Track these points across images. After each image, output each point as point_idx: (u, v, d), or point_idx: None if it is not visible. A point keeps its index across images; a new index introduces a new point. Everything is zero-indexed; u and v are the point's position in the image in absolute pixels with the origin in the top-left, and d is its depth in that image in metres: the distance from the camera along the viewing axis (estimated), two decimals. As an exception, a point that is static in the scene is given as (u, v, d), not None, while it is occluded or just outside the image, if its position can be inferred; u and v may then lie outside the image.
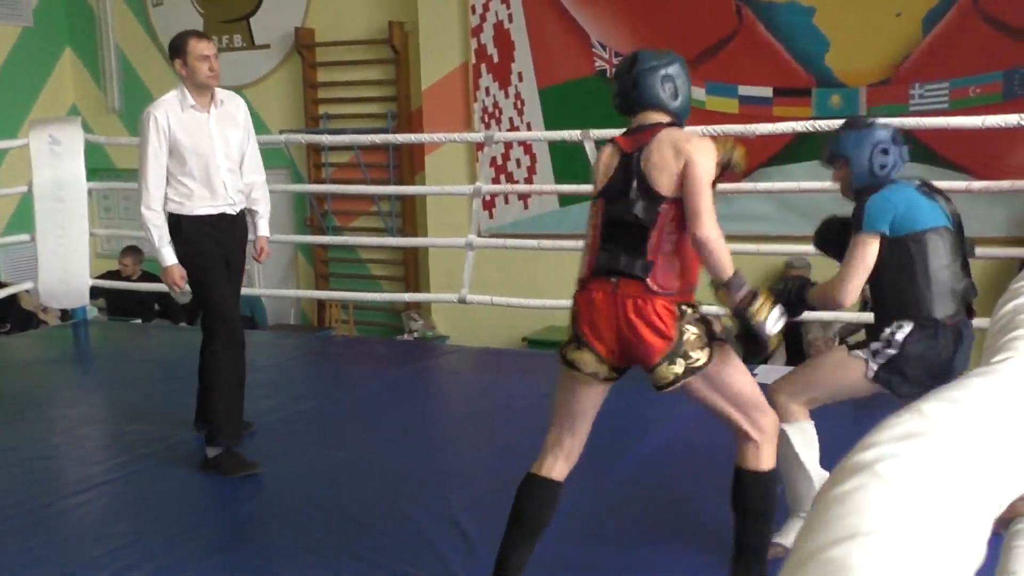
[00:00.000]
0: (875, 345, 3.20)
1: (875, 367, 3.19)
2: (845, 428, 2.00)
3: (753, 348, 2.98)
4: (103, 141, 8.37)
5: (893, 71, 7.55)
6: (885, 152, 3.29)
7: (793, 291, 3.24)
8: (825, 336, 6.48)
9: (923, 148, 7.06)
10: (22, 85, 10.84)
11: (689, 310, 2.94)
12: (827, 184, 6.05)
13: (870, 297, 3.44)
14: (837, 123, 5.63)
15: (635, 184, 2.95)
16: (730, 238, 2.93)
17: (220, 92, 4.67)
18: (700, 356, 2.89)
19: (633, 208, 2.93)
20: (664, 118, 3.06)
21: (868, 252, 3.18)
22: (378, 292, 9.52)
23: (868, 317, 6.24)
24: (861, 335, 3.47)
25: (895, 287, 3.21)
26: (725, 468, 3.08)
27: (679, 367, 2.87)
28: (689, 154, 2.90)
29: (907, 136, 6.86)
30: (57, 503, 4.17)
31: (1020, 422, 0.65)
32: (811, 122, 5.78)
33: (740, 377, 3.01)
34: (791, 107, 7.66)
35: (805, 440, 3.33)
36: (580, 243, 4.28)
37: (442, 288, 8.41)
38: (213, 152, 4.57)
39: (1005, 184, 5.63)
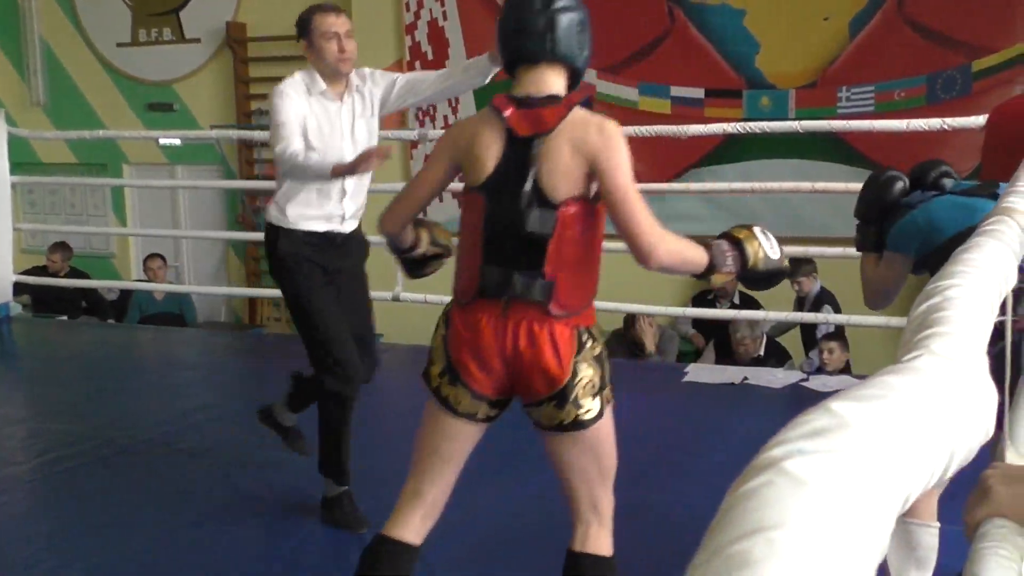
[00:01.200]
0: None
1: None
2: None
3: (777, 280, 2.60)
4: (27, 135, 8.20)
5: (821, 74, 7.68)
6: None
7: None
8: (752, 335, 6.57)
9: (849, 150, 7.21)
10: (-57, 76, 10.57)
11: (589, 342, 2.41)
12: (756, 184, 6.17)
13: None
14: (766, 124, 5.75)
15: (530, 185, 2.36)
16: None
17: (355, 74, 3.68)
18: (590, 407, 2.40)
19: (527, 216, 2.36)
20: (561, 80, 2.51)
21: None
22: (310, 290, 9.46)
23: (796, 317, 6.38)
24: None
25: None
26: (665, 454, 3.10)
27: (567, 414, 2.38)
28: (606, 159, 2.34)
29: (834, 138, 7.03)
30: (-22, 504, 4.08)
31: (927, 418, 0.67)
32: (741, 123, 5.87)
33: (612, 447, 2.49)
34: (722, 108, 7.76)
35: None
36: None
37: (376, 286, 8.34)
38: (341, 153, 3.55)
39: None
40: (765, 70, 7.83)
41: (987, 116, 4.43)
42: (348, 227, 3.79)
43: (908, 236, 2.78)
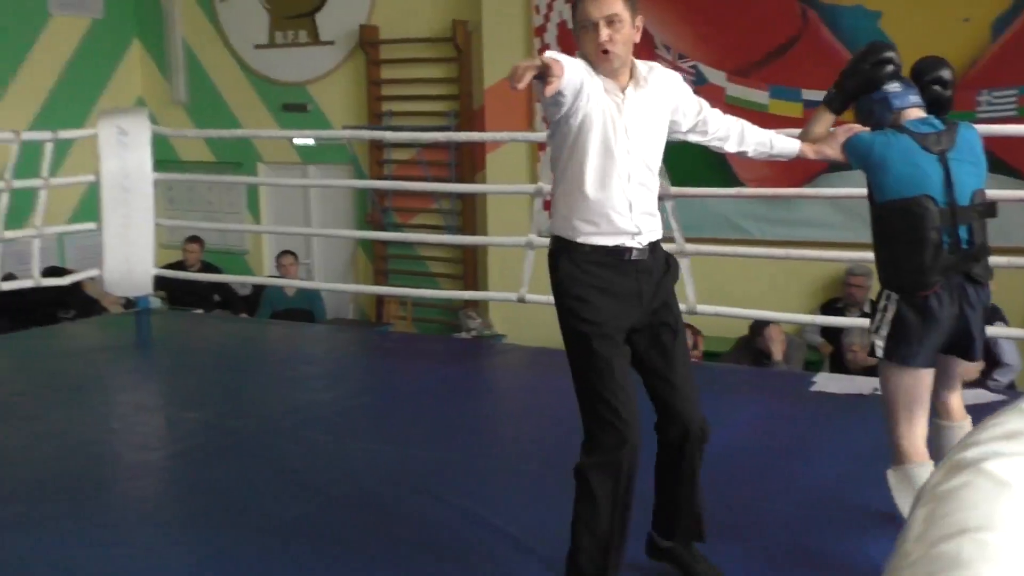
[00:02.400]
0: (875, 323, 3.24)
1: (880, 345, 3.20)
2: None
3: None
4: (169, 133, 8.50)
5: (961, 77, 7.40)
6: (870, 113, 3.44)
7: None
8: (862, 341, 6.37)
9: (989, 155, 6.93)
10: (90, 76, 11.04)
11: None
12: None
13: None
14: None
15: None
16: (792, 243, 2.89)
17: (643, 66, 3.12)
18: None
19: None
20: None
21: None
22: (436, 289, 9.57)
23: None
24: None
25: (883, 259, 3.31)
26: (782, 473, 3.05)
27: None
28: None
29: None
30: (112, 487, 4.24)
31: None
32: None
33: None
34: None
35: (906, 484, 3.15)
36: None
37: (499, 287, 8.42)
38: (614, 155, 3.00)
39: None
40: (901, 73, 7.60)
41: None
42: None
43: (857, 152, 3.25)
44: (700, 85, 8.29)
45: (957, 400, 3.42)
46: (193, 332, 7.61)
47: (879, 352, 3.22)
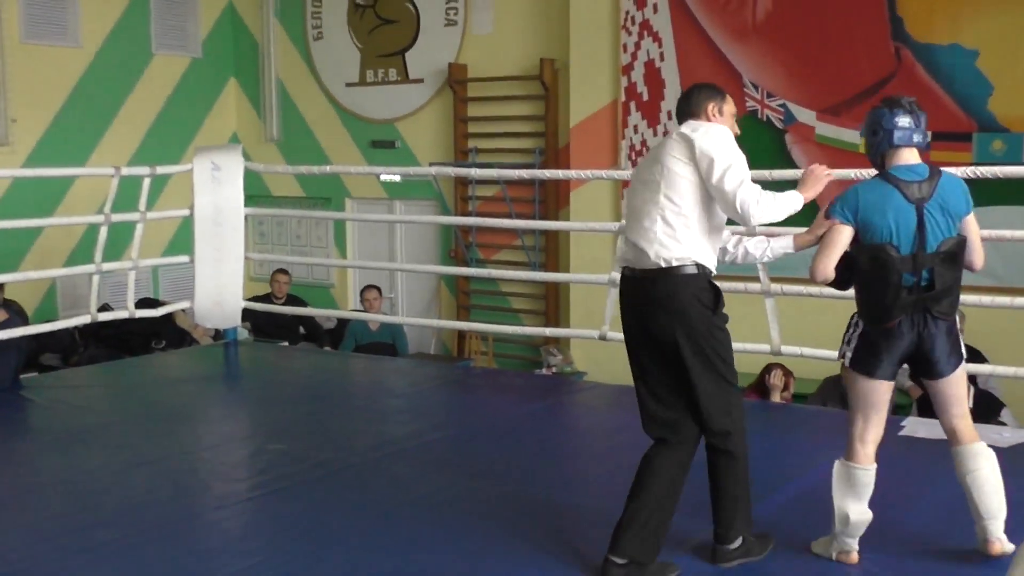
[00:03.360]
0: (846, 335, 3.65)
1: (849, 355, 3.63)
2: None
3: None
4: (261, 169, 8.67)
5: (1060, 117, 7.24)
6: (874, 133, 3.63)
7: None
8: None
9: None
10: (188, 113, 11.35)
11: None
12: (985, 232, 5.85)
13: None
14: (998, 169, 5.44)
15: None
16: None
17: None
18: None
19: None
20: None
21: None
22: (518, 325, 9.58)
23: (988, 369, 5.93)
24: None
25: (856, 290, 3.67)
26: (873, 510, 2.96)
27: None
28: None
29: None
30: (201, 516, 4.30)
31: None
32: (971, 168, 5.57)
33: None
34: (950, 151, 7.40)
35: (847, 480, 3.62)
36: (728, 284, 4.20)
37: (583, 324, 8.39)
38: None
39: None
40: (998, 112, 7.44)
41: None
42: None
43: (847, 203, 3.52)
44: (788, 124, 8.22)
45: (963, 423, 3.64)
46: (279, 364, 7.72)
47: (847, 361, 3.63)
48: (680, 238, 3.44)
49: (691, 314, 3.42)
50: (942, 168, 3.57)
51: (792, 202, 3.54)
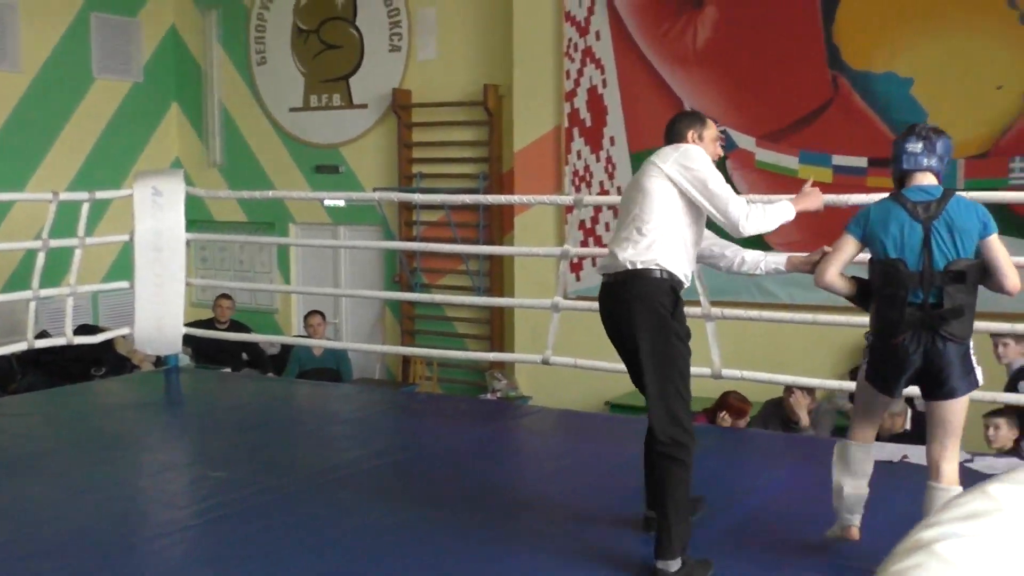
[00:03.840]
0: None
1: (864, 368, 3.84)
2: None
3: None
4: (203, 194, 8.61)
5: (993, 144, 7.42)
6: (896, 159, 3.80)
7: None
8: (893, 411, 6.28)
9: (1022, 222, 6.91)
10: (129, 137, 11.25)
11: None
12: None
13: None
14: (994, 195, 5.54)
15: None
16: (821, 308, 2.91)
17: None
18: None
19: None
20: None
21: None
22: (463, 350, 9.58)
23: (1006, 398, 5.96)
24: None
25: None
26: (809, 540, 3.01)
27: None
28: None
29: (1005, 210, 6.75)
30: (141, 545, 4.24)
31: None
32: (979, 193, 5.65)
33: None
34: (886, 178, 7.54)
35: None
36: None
37: (527, 349, 8.43)
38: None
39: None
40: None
41: None
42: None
43: (858, 220, 3.74)
44: (730, 150, 8.34)
45: (947, 464, 3.66)
46: (221, 391, 7.65)
47: (861, 372, 3.83)
48: (648, 246, 3.74)
49: (649, 313, 3.70)
50: (958, 191, 3.77)
51: (783, 212, 3.88)
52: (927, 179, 3.70)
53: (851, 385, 6.46)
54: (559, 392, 8.52)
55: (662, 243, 3.75)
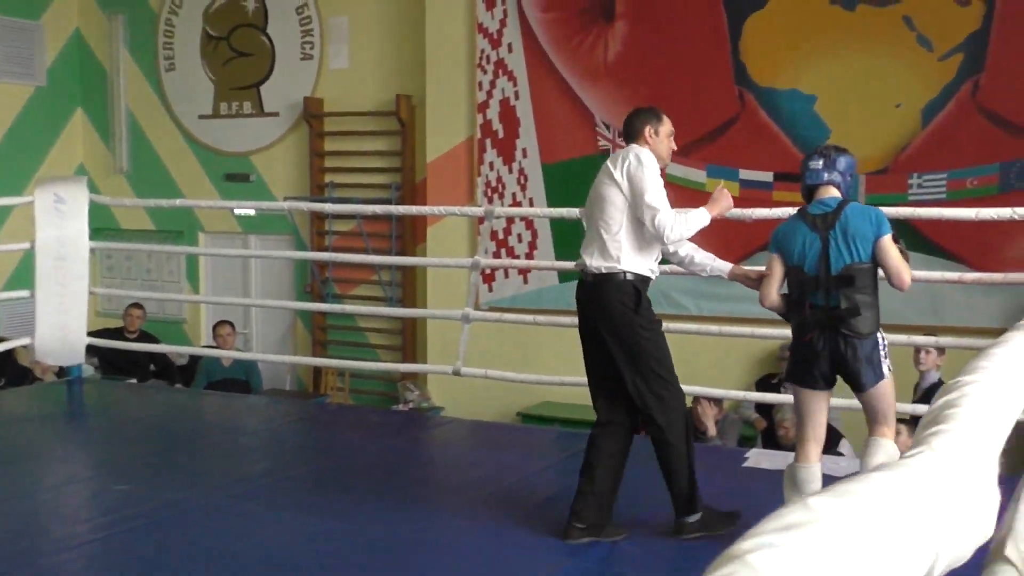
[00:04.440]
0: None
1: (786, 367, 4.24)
2: None
3: None
4: (107, 202, 8.44)
5: (892, 160, 7.65)
6: (803, 174, 4.16)
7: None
8: (794, 417, 6.43)
9: (921, 237, 7.13)
10: (32, 143, 10.98)
11: None
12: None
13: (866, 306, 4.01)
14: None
15: None
16: (728, 320, 2.97)
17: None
18: None
19: None
20: None
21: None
22: (375, 361, 9.53)
23: (912, 408, 6.15)
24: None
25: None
26: (714, 550, 3.04)
27: None
28: None
29: (905, 225, 6.96)
30: (40, 560, 4.14)
31: (907, 517, 0.64)
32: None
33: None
34: (791, 192, 7.72)
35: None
36: (576, 319, 4.32)
37: (440, 359, 8.41)
38: None
39: (997, 277, 5.67)
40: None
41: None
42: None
43: (773, 237, 4.13)
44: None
45: (879, 428, 4.06)
46: (127, 402, 7.50)
47: (783, 373, 4.28)
48: (608, 252, 4.12)
49: (615, 313, 4.10)
50: (851, 200, 4.11)
51: (700, 219, 4.18)
52: (829, 192, 4.06)
53: (758, 396, 6.62)
54: (472, 403, 8.53)
55: (624, 247, 4.11)
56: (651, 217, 4.02)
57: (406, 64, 9.65)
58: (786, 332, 6.89)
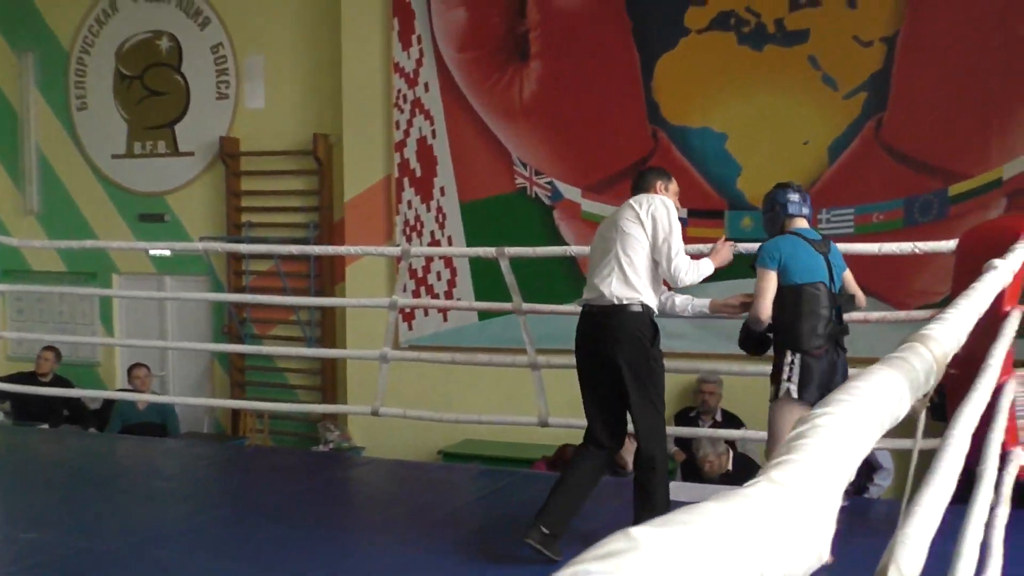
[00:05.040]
0: (786, 373, 4.18)
1: (795, 388, 4.19)
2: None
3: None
4: (16, 243, 8.27)
5: (802, 196, 7.82)
6: (772, 208, 4.48)
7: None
8: (716, 451, 6.54)
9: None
10: (-62, 184, 10.71)
11: None
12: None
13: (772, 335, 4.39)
14: (748, 245, 5.84)
15: None
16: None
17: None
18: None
19: None
20: None
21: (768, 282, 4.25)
22: (295, 402, 9.44)
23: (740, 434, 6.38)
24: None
25: (787, 326, 4.23)
26: None
27: None
28: None
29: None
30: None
31: (733, 545, 0.64)
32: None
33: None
34: (705, 228, 7.87)
35: None
36: (497, 357, 4.35)
37: (360, 399, 8.37)
38: None
39: (901, 315, 5.83)
40: (747, 191, 7.98)
41: (957, 241, 4.56)
42: None
43: (770, 252, 4.31)
44: (556, 201, 8.55)
45: None
46: (36, 448, 7.32)
47: (794, 394, 4.17)
48: (630, 283, 4.31)
49: (633, 343, 4.29)
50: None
51: (707, 269, 4.43)
52: (803, 224, 4.44)
53: (678, 430, 6.69)
54: (393, 442, 8.48)
55: (642, 280, 4.33)
56: (669, 261, 4.28)
57: (323, 103, 9.65)
58: (700, 366, 7.03)
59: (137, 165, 10.65)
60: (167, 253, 10.29)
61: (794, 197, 4.44)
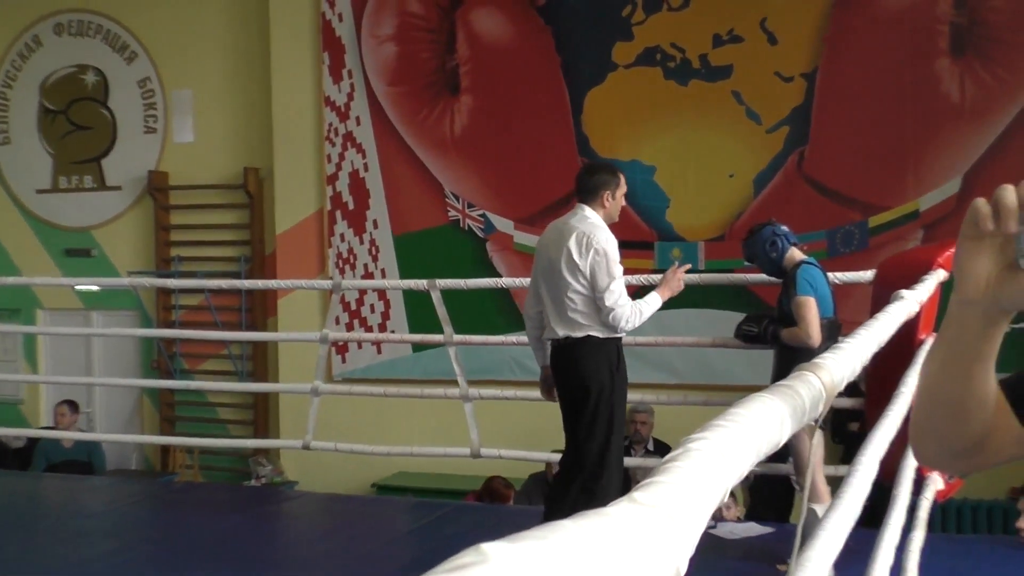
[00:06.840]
0: None
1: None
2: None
3: None
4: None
5: (728, 228, 7.98)
6: (774, 244, 4.65)
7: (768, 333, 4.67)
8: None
9: (756, 300, 7.43)
10: None
11: None
12: (671, 338, 6.35)
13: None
14: (706, 276, 5.97)
15: None
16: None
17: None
18: None
19: None
20: None
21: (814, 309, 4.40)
22: (226, 436, 9.33)
23: None
24: None
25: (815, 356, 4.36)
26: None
27: None
28: None
29: (743, 289, 7.24)
30: None
31: (583, 562, 0.65)
32: (654, 275, 6.01)
33: None
34: (635, 259, 7.96)
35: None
36: (428, 389, 4.37)
37: (292, 433, 8.30)
38: None
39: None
40: (675, 223, 8.10)
41: (875, 271, 4.72)
42: None
43: (810, 279, 4.46)
44: (489, 233, 8.60)
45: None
46: (-42, 489, 7.14)
47: (820, 422, 4.41)
48: (579, 324, 4.29)
49: (597, 371, 4.29)
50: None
51: (653, 306, 4.41)
52: (799, 255, 4.65)
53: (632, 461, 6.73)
54: (327, 476, 8.43)
55: (590, 318, 4.28)
56: (608, 311, 4.23)
57: (253, 137, 9.62)
58: (631, 396, 7.07)
59: (63, 200, 10.50)
60: (95, 288, 10.15)
61: (786, 229, 4.65)
